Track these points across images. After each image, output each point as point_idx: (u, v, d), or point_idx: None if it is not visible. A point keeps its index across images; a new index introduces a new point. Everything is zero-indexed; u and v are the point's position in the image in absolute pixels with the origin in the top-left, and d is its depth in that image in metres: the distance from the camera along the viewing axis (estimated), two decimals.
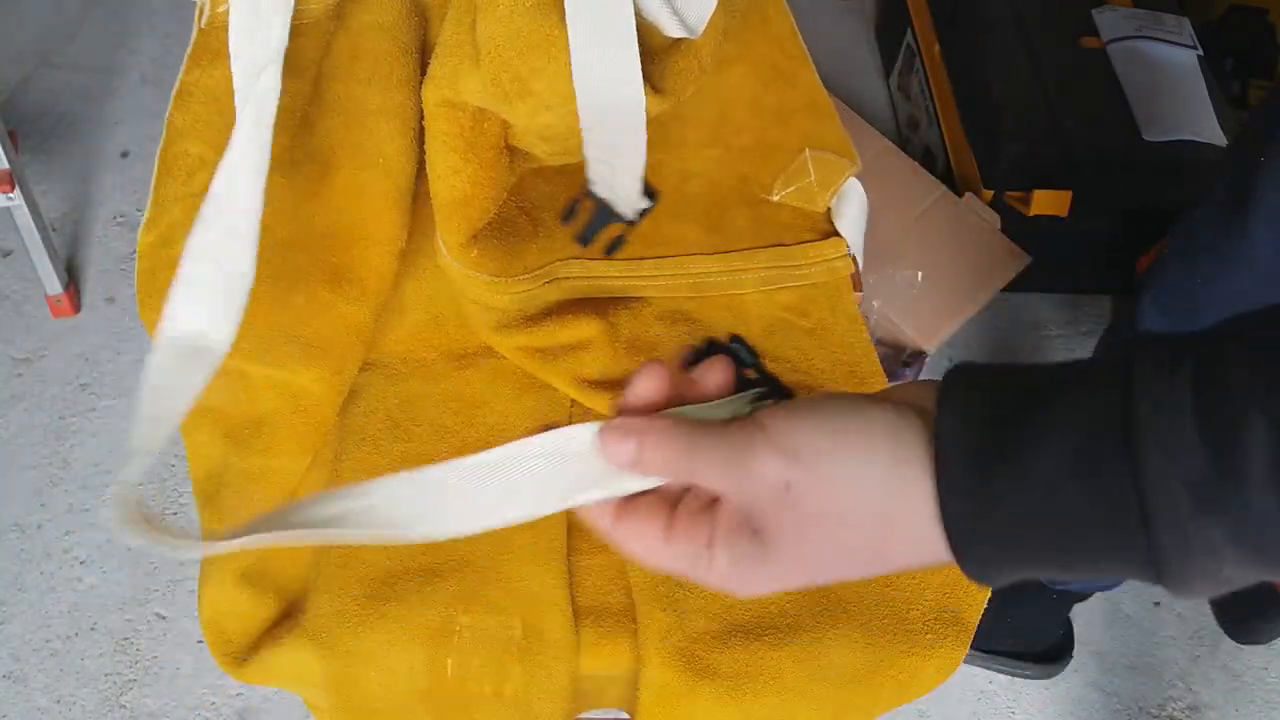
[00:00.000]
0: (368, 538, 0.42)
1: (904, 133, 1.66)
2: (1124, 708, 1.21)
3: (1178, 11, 1.47)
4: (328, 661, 0.64)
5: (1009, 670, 1.21)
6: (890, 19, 1.74)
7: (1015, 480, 0.34)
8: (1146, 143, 1.32)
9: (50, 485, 1.25)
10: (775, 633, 0.66)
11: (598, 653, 0.66)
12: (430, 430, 0.73)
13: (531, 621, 0.65)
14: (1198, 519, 0.32)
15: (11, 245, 1.43)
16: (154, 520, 0.44)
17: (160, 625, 1.17)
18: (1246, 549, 0.32)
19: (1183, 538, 0.32)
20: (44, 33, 1.68)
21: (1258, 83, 1.55)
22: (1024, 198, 1.37)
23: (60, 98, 1.60)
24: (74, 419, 1.30)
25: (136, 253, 0.67)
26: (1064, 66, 1.39)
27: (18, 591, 1.18)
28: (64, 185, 1.51)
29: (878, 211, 1.40)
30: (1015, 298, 1.49)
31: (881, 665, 0.66)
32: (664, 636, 0.65)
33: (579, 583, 0.68)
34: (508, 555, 0.68)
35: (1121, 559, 0.34)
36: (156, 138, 1.61)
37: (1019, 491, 0.34)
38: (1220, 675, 1.24)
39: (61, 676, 1.13)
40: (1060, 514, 0.34)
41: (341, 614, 0.65)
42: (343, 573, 0.67)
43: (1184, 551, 0.32)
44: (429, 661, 0.64)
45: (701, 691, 0.64)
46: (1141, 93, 1.36)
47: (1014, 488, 0.34)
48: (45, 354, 1.35)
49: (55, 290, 1.35)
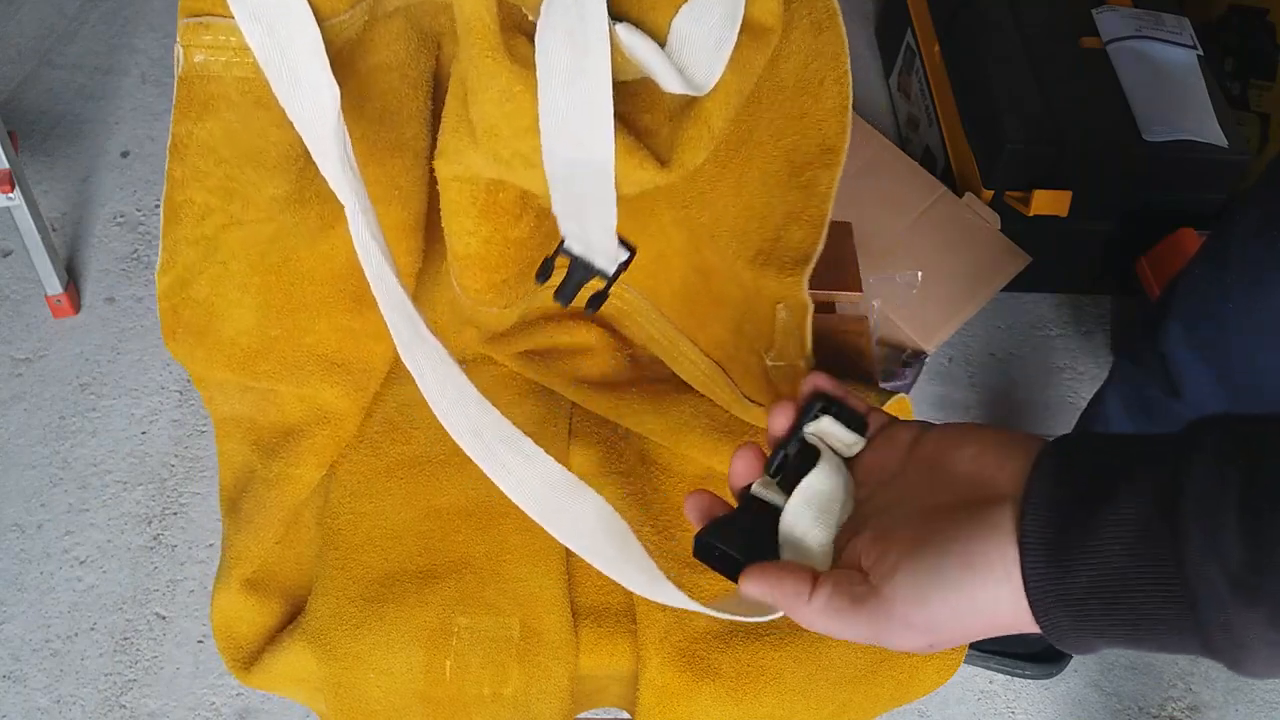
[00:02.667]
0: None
1: (904, 133, 1.66)
2: (1124, 708, 1.21)
3: (1178, 11, 1.47)
4: (327, 664, 0.64)
5: (1009, 670, 1.21)
6: (890, 19, 1.74)
7: (1084, 557, 0.38)
8: (1147, 143, 1.32)
9: (50, 485, 1.25)
10: (776, 633, 0.66)
11: (597, 653, 0.66)
12: (428, 433, 0.73)
13: (530, 622, 0.65)
14: (1235, 605, 0.35)
15: (11, 245, 1.43)
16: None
17: (160, 625, 1.17)
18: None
19: (1225, 621, 0.35)
20: (44, 33, 1.68)
21: (1258, 83, 1.55)
22: (1024, 198, 1.37)
23: (60, 98, 1.60)
24: (74, 419, 1.30)
25: (156, 294, 0.68)
26: (1064, 66, 1.39)
27: (17, 591, 1.18)
28: (64, 185, 1.51)
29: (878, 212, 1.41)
30: (1015, 298, 1.49)
31: (881, 665, 0.66)
32: (664, 636, 0.65)
33: (578, 583, 0.68)
34: (506, 556, 0.68)
35: (1178, 636, 0.37)
36: (157, 137, 1.61)
37: (1087, 567, 0.38)
38: (1220, 675, 1.24)
39: (61, 676, 1.13)
40: (1122, 590, 0.37)
41: (340, 616, 0.65)
42: (341, 575, 0.67)
43: (1229, 635, 0.35)
44: (428, 663, 0.64)
45: (702, 691, 0.64)
46: (1142, 93, 1.36)
47: (1083, 563, 0.38)
48: (45, 354, 1.35)
49: (55, 290, 1.35)
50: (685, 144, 0.59)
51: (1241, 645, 0.35)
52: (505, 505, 0.70)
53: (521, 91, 0.55)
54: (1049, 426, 1.41)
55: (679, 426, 0.73)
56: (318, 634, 0.65)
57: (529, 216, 0.67)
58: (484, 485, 0.71)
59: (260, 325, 0.70)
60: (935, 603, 0.40)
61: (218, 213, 0.66)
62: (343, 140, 0.58)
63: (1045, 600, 0.39)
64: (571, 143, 0.56)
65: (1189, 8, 1.51)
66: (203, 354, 0.69)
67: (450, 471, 0.72)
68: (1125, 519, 0.37)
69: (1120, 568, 0.37)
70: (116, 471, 1.26)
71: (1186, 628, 0.36)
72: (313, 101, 0.59)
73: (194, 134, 0.63)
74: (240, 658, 0.67)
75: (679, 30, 0.56)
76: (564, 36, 0.54)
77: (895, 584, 0.41)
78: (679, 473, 0.73)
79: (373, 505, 0.70)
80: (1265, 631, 0.35)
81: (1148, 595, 0.37)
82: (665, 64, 0.56)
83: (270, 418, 0.71)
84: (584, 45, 0.54)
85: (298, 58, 0.59)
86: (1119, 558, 0.37)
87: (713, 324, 0.75)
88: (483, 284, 0.70)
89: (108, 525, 1.23)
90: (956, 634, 0.41)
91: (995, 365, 1.45)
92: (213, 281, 0.68)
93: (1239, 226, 0.85)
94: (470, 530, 0.69)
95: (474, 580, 0.67)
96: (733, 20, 0.57)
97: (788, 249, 0.72)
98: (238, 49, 0.61)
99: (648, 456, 0.74)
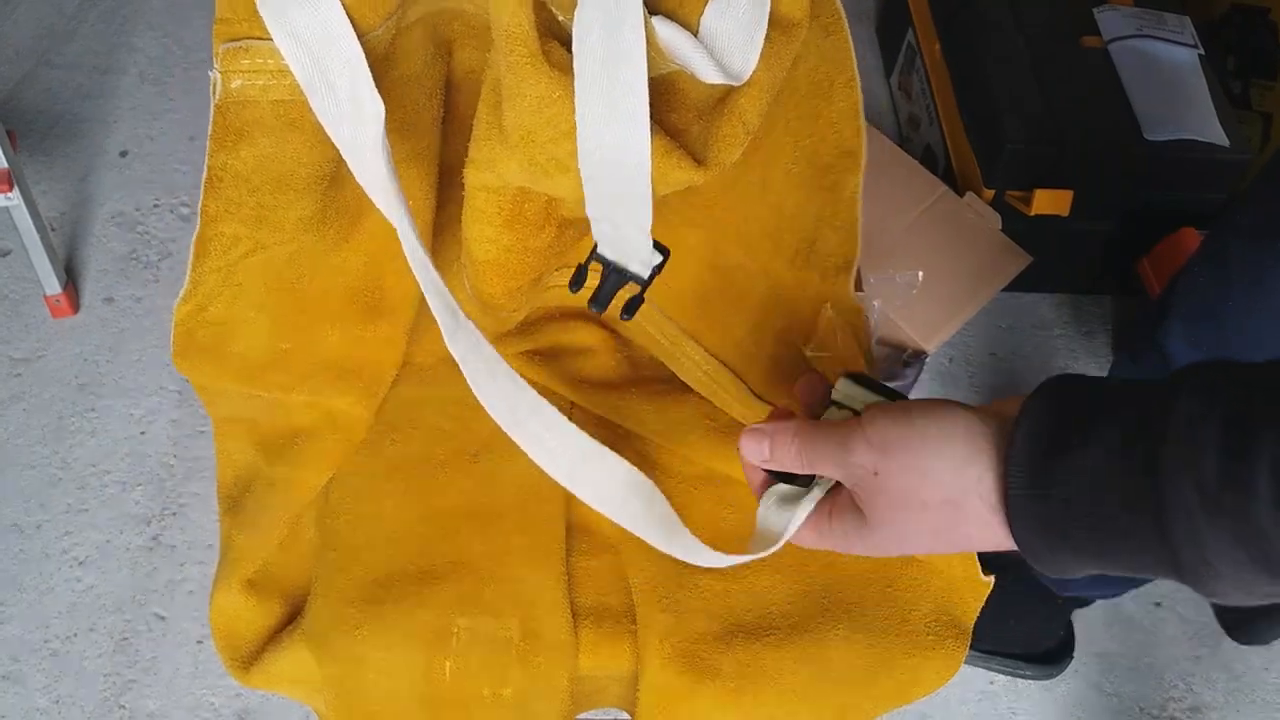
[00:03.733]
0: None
1: (904, 132, 1.66)
2: (1125, 708, 1.21)
3: (1179, 11, 1.46)
4: (327, 665, 0.64)
5: (1010, 671, 1.21)
6: (891, 18, 1.74)
7: (1066, 471, 0.39)
8: (1148, 142, 1.32)
9: (49, 485, 1.25)
10: (776, 633, 0.66)
11: (597, 653, 0.66)
12: (427, 433, 0.73)
13: (530, 623, 0.65)
14: (1204, 516, 0.36)
15: (10, 245, 1.43)
16: None
17: (160, 626, 1.16)
18: (1254, 554, 0.35)
19: (1193, 532, 0.36)
20: (42, 32, 1.68)
21: (1259, 82, 1.55)
22: (1025, 197, 1.36)
23: (59, 97, 1.60)
24: (73, 419, 1.30)
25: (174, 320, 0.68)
26: (1065, 66, 1.39)
27: (16, 592, 1.18)
28: (63, 185, 1.51)
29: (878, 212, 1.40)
30: (1016, 298, 1.49)
31: (883, 666, 0.66)
32: (664, 637, 0.65)
33: (578, 584, 0.68)
34: (506, 557, 0.68)
35: (1148, 552, 0.38)
36: (155, 137, 1.61)
37: (1067, 483, 0.39)
38: (1221, 676, 1.24)
39: (60, 677, 1.13)
40: (1099, 505, 0.39)
41: (339, 618, 0.65)
42: (341, 576, 0.67)
43: (1197, 550, 0.36)
44: (427, 664, 0.64)
45: (702, 692, 0.64)
46: (1143, 92, 1.36)
47: (1064, 479, 0.39)
48: (44, 354, 1.35)
49: (54, 290, 1.35)
50: (720, 141, 0.58)
51: (1207, 562, 0.36)
52: (505, 506, 0.70)
53: (561, 96, 0.55)
54: None
55: (679, 427, 0.73)
56: (317, 635, 0.64)
57: (551, 227, 0.67)
58: (484, 486, 0.71)
59: (272, 340, 0.70)
60: (900, 428, 0.44)
61: (245, 241, 0.66)
62: (386, 156, 0.58)
63: (1019, 511, 0.40)
64: (608, 142, 0.55)
65: (1190, 7, 1.51)
66: (212, 369, 0.69)
67: (450, 472, 0.72)
68: (1115, 423, 0.39)
69: (1097, 479, 0.39)
70: (115, 472, 1.26)
71: (1154, 540, 0.37)
72: (355, 119, 0.58)
73: (229, 165, 0.63)
74: (239, 658, 0.67)
75: (709, 25, 0.56)
76: (600, 31, 0.53)
77: (874, 421, 0.46)
78: (678, 474, 0.73)
79: (372, 506, 0.70)
80: (1231, 549, 0.36)
81: (1124, 496, 0.38)
82: (704, 55, 0.56)
83: (276, 421, 0.71)
84: (619, 38, 0.53)
85: (340, 76, 0.58)
86: (1101, 460, 0.39)
87: (727, 322, 0.74)
88: (499, 289, 0.70)
89: (107, 525, 1.22)
90: (909, 478, 0.44)
91: (996, 365, 1.45)
92: (228, 303, 0.68)
93: (1239, 225, 0.84)
94: (470, 531, 0.69)
95: (474, 581, 0.67)
96: (761, 13, 0.56)
97: (826, 255, 0.74)
98: (275, 72, 0.60)
99: (648, 458, 0.74)
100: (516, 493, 0.71)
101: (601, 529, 0.70)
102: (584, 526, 0.70)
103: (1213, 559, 0.36)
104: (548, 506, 0.70)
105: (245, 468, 0.71)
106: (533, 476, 0.69)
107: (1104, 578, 1.05)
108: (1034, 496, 0.40)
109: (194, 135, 1.55)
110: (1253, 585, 0.37)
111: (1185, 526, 0.36)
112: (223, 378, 0.70)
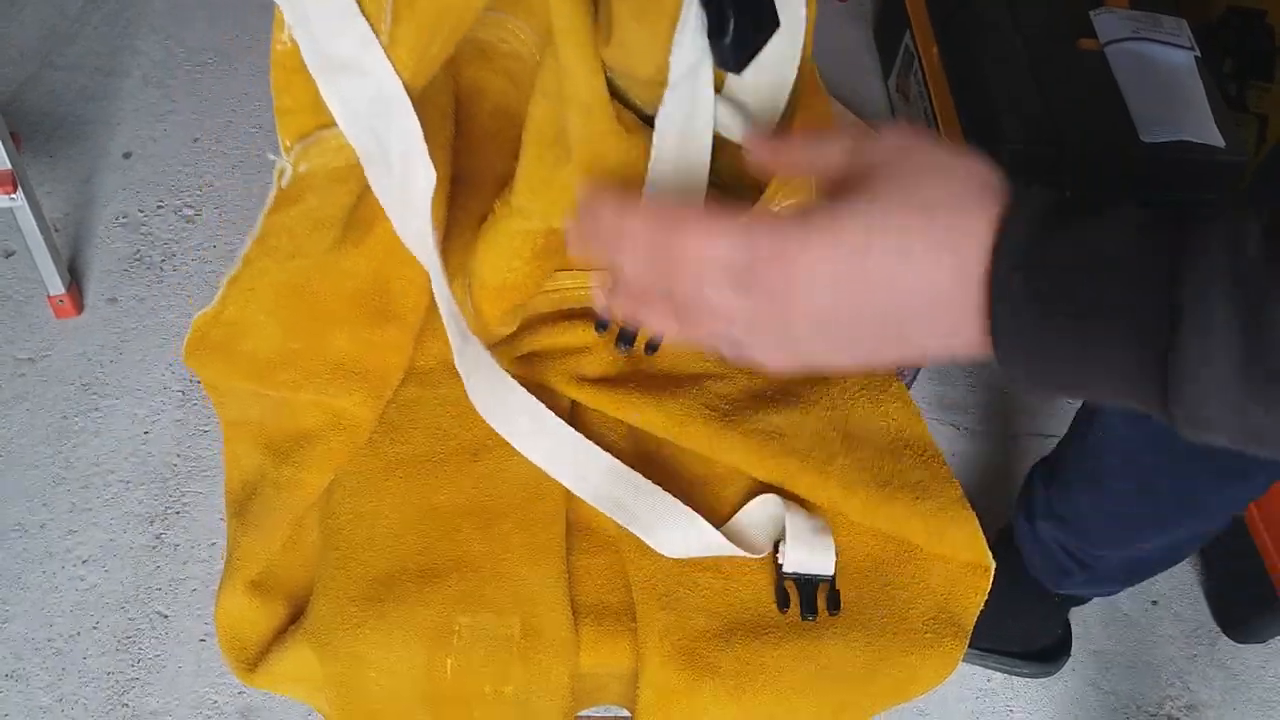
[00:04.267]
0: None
1: None
2: (1122, 706, 1.22)
3: (1175, 13, 1.47)
4: (328, 664, 0.65)
5: (1007, 669, 1.21)
6: (889, 21, 1.74)
7: (1072, 241, 0.34)
8: (1144, 144, 1.33)
9: (52, 485, 1.26)
10: (775, 631, 0.66)
11: (597, 651, 0.66)
12: (427, 433, 0.74)
13: (531, 621, 0.65)
14: (1225, 316, 0.31)
15: (14, 246, 1.44)
16: None
17: (162, 624, 1.17)
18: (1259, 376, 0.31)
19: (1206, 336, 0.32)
20: (46, 34, 1.69)
21: (1256, 84, 1.55)
22: None
23: (62, 99, 1.61)
24: (76, 419, 1.31)
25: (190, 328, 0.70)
26: (1062, 68, 1.39)
27: (20, 591, 1.18)
28: (66, 186, 1.51)
29: None
30: None
31: (881, 664, 0.66)
32: (664, 635, 0.65)
33: (578, 581, 0.69)
34: (506, 555, 0.68)
35: (1142, 348, 0.34)
36: (158, 138, 1.62)
37: (1073, 248, 0.34)
38: (1218, 674, 1.24)
39: (64, 675, 1.14)
40: (1102, 268, 0.34)
41: (340, 616, 0.65)
42: (341, 575, 0.67)
43: (1204, 353, 0.32)
44: (429, 661, 0.64)
45: (702, 689, 0.64)
46: (1139, 94, 1.36)
47: (1068, 247, 0.34)
48: (48, 354, 1.36)
49: (57, 290, 1.36)
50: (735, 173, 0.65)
51: (1195, 379, 0.32)
52: (505, 505, 0.71)
53: (638, 158, 0.62)
54: (1048, 426, 1.41)
55: (679, 418, 0.73)
56: (319, 634, 0.65)
57: (563, 252, 0.72)
58: (484, 485, 0.72)
59: (283, 340, 0.71)
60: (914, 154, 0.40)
61: (274, 270, 0.69)
62: (429, 214, 0.62)
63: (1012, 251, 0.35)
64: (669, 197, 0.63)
65: (1187, 9, 1.52)
66: (222, 366, 0.70)
67: (450, 471, 0.73)
68: (1125, 224, 0.34)
69: (1108, 252, 0.34)
70: (119, 471, 1.27)
71: (1151, 324, 0.33)
72: (405, 187, 0.62)
73: (279, 222, 0.66)
74: (244, 660, 0.67)
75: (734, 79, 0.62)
76: (681, 120, 0.61)
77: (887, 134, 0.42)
78: (679, 473, 0.74)
79: (373, 505, 0.71)
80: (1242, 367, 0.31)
81: (1131, 277, 0.33)
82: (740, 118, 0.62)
83: (283, 423, 0.72)
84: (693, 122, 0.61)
85: (395, 148, 0.61)
86: (1111, 239, 0.34)
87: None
88: (502, 310, 0.73)
89: (110, 525, 1.23)
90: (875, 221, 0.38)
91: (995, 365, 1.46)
92: (240, 306, 0.69)
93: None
94: (470, 529, 0.70)
95: (474, 579, 0.67)
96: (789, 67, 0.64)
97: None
98: (336, 150, 0.63)
99: (648, 457, 0.74)
100: (516, 491, 0.71)
101: (601, 527, 0.71)
102: (584, 525, 0.71)
103: (1214, 350, 0.31)
104: (548, 505, 0.70)
105: (252, 471, 0.71)
106: (533, 475, 0.70)
107: (1101, 578, 1.06)
108: (1027, 263, 0.35)
109: (197, 137, 1.56)
110: (1249, 414, 0.32)
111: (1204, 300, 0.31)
112: (232, 375, 0.70)
